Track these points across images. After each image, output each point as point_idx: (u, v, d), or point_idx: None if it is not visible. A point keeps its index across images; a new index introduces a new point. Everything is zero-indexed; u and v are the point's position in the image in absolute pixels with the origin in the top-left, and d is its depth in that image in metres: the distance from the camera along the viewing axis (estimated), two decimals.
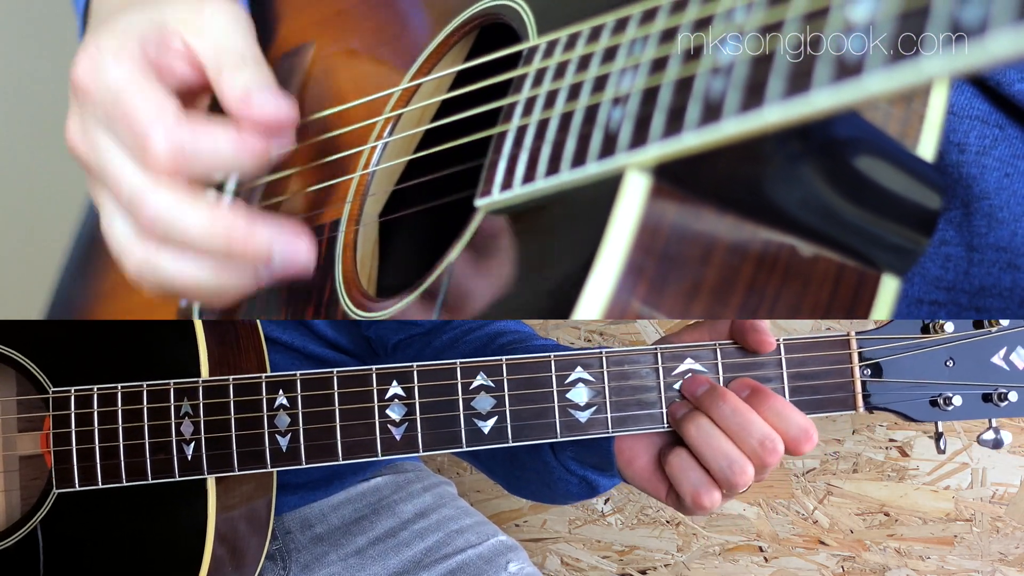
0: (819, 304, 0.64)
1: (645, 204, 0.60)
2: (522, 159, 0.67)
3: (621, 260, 0.60)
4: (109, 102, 0.75)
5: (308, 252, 0.74)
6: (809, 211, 0.63)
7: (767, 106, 0.52)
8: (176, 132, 0.73)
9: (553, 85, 0.66)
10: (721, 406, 0.74)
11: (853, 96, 0.49)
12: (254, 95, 0.74)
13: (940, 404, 0.76)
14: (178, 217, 0.73)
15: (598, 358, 0.77)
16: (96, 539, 0.81)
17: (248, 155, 0.74)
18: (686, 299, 0.61)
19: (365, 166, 0.83)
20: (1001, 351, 0.75)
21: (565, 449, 0.84)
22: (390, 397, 0.78)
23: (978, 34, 0.44)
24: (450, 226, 0.76)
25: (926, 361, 0.75)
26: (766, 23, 0.54)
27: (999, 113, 0.77)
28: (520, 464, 0.90)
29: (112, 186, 0.76)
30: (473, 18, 0.81)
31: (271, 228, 0.74)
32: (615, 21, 0.64)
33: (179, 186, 0.74)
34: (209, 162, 0.74)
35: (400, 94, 0.83)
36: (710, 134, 0.55)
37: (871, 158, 0.63)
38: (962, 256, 0.78)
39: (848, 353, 0.76)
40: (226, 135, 0.74)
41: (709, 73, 0.56)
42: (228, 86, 0.75)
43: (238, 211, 0.74)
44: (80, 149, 0.78)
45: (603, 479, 0.86)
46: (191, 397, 0.79)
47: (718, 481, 0.74)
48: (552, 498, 0.92)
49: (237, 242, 0.73)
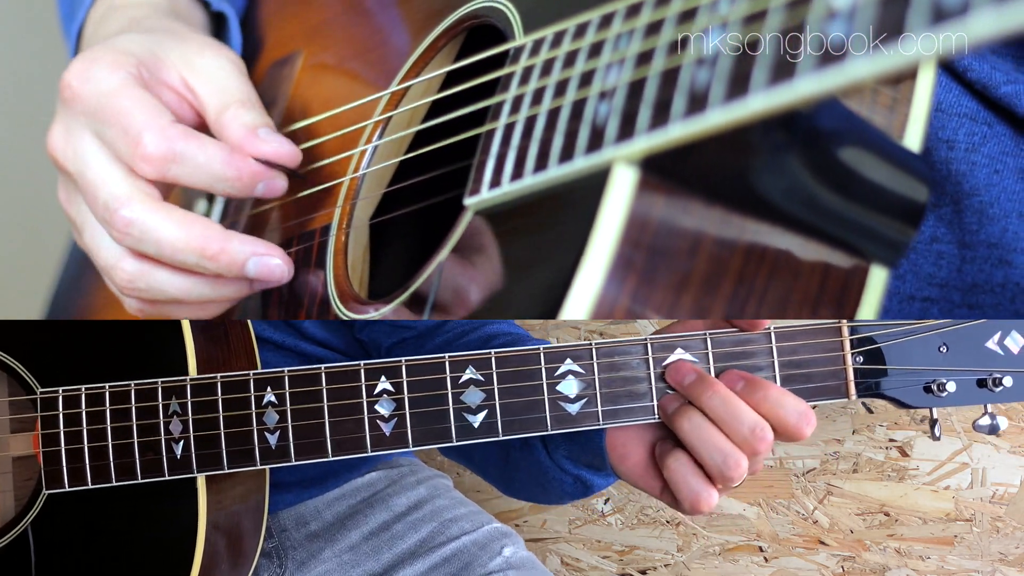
0: (808, 295, 0.64)
1: (633, 197, 0.60)
2: (510, 157, 0.67)
3: (610, 253, 0.60)
4: (102, 105, 0.75)
5: (282, 265, 0.77)
6: (797, 202, 0.62)
7: (752, 95, 0.52)
8: (170, 133, 0.74)
9: (540, 82, 0.66)
10: (711, 396, 0.73)
11: (837, 82, 0.49)
12: (260, 131, 0.76)
13: (934, 390, 0.75)
14: (153, 226, 0.74)
15: (588, 350, 0.76)
16: (87, 539, 0.81)
17: (236, 174, 0.75)
18: (675, 292, 0.61)
19: (355, 170, 0.83)
20: (995, 336, 0.75)
21: (559, 448, 0.84)
22: (379, 392, 0.77)
23: (960, 14, 0.43)
24: (440, 227, 0.76)
25: (919, 347, 0.75)
26: (750, 12, 0.54)
27: (987, 111, 0.77)
28: (514, 464, 0.89)
29: (89, 192, 0.76)
30: (460, 20, 0.81)
31: (245, 241, 0.75)
32: (600, 17, 0.64)
33: (155, 196, 0.75)
34: (197, 172, 0.75)
35: (389, 98, 0.83)
36: (696, 124, 0.55)
37: (857, 149, 0.63)
38: (954, 253, 0.78)
39: (840, 340, 0.76)
40: (217, 148, 0.75)
41: (694, 64, 0.56)
42: (233, 122, 0.76)
43: (212, 224, 0.75)
44: (60, 155, 0.78)
45: (597, 478, 0.85)
46: (179, 396, 0.79)
47: (712, 476, 0.74)
48: (547, 498, 0.92)
49: (211, 253, 0.74)
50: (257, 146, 0.76)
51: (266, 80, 0.94)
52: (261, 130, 0.76)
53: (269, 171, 0.77)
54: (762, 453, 0.74)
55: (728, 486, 0.75)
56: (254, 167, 0.76)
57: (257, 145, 0.76)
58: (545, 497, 0.92)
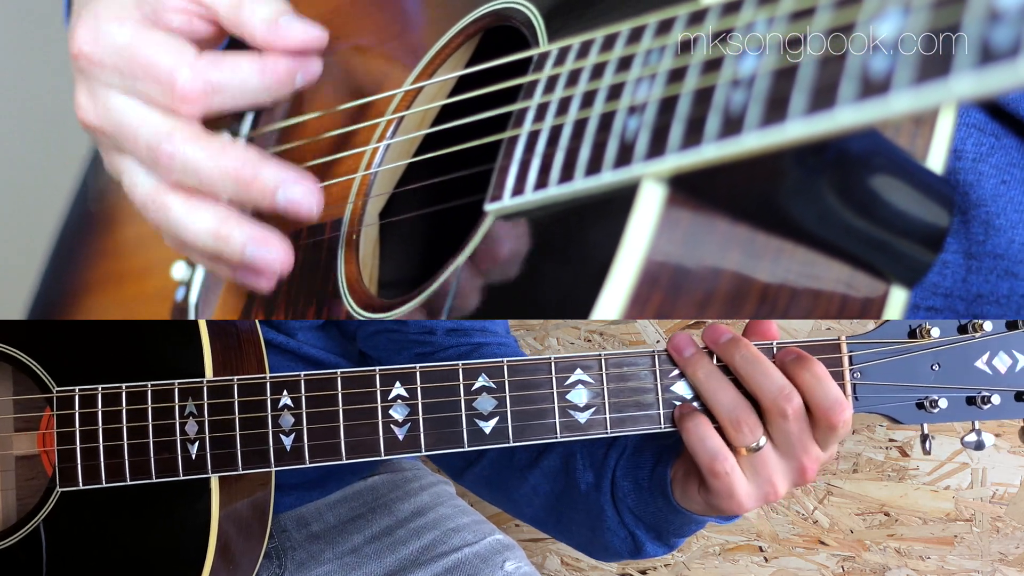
0: (829, 314, 0.65)
1: (661, 213, 0.60)
2: (534, 165, 0.66)
3: (637, 269, 0.60)
4: (123, 59, 0.75)
5: (312, 195, 0.75)
6: (823, 224, 0.62)
7: (790, 121, 0.52)
8: (201, 67, 0.74)
9: (566, 92, 0.66)
10: (744, 355, 0.74)
11: (878, 114, 0.48)
12: (281, 21, 0.75)
13: (926, 407, 0.77)
14: (193, 156, 0.74)
15: (597, 360, 0.77)
16: (99, 538, 0.81)
17: (274, 80, 0.75)
18: (699, 309, 0.61)
19: (368, 166, 0.82)
20: (984, 356, 0.76)
21: (626, 499, 0.85)
22: (393, 398, 0.78)
23: (1009, 56, 0.43)
24: (453, 229, 0.76)
25: (913, 365, 0.77)
26: (788, 37, 0.53)
27: (995, 122, 0.78)
28: (570, 502, 0.89)
29: (131, 142, 0.76)
30: (480, 20, 0.80)
31: (278, 169, 0.75)
32: (630, 30, 0.63)
33: (195, 127, 0.75)
34: (237, 92, 0.75)
35: (403, 95, 0.82)
36: (730, 147, 0.55)
37: (886, 171, 0.63)
38: (960, 263, 0.78)
39: (839, 357, 0.77)
40: (250, 63, 0.75)
41: (729, 85, 0.55)
42: (250, 19, 0.75)
43: (250, 151, 0.75)
44: (93, 120, 0.78)
45: (650, 544, 0.86)
46: (195, 397, 0.79)
47: (727, 433, 0.74)
48: (591, 548, 0.92)
49: (245, 177, 0.74)
50: (284, 38, 0.75)
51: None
52: (282, 19, 0.75)
53: (302, 61, 0.76)
54: (790, 417, 0.73)
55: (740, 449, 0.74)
56: (288, 64, 0.76)
57: (284, 37, 0.75)
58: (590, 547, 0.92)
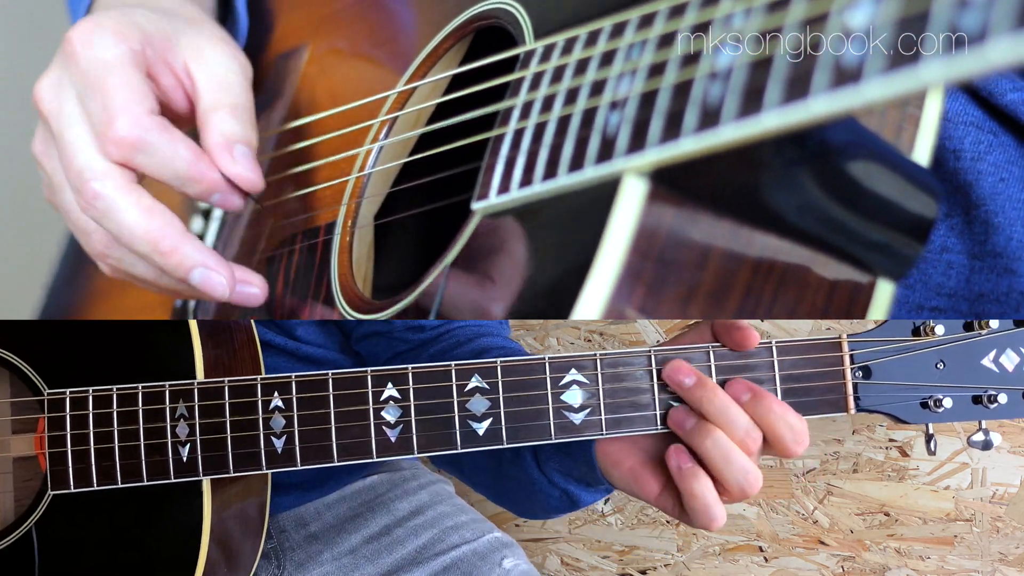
0: (815, 308, 0.64)
1: (642, 208, 0.60)
2: (519, 163, 0.67)
3: (618, 264, 0.60)
4: (94, 73, 0.74)
5: (225, 287, 0.75)
6: (806, 216, 0.62)
7: (765, 112, 0.52)
8: (145, 123, 0.73)
9: (550, 89, 0.66)
10: (710, 400, 0.74)
11: (852, 102, 0.48)
12: (237, 147, 0.75)
13: (931, 406, 0.76)
14: (118, 206, 0.73)
15: (592, 360, 0.77)
16: (91, 541, 0.81)
17: (196, 179, 0.74)
18: (683, 304, 0.61)
19: (361, 168, 0.83)
20: (991, 353, 0.75)
21: (549, 460, 0.84)
22: (385, 399, 0.77)
23: (978, 41, 0.43)
24: (444, 229, 0.76)
25: (917, 363, 0.76)
26: (764, 28, 0.53)
27: (992, 120, 0.77)
28: (504, 475, 0.89)
29: (66, 154, 0.75)
30: (470, 21, 0.80)
31: (201, 249, 0.74)
32: (612, 26, 0.63)
33: (130, 177, 0.74)
34: (160, 164, 0.73)
35: (396, 97, 0.83)
36: (708, 139, 0.55)
37: (868, 163, 0.63)
38: (964, 263, 0.78)
39: (840, 356, 0.76)
40: (187, 150, 0.74)
41: (707, 78, 0.56)
42: (216, 127, 0.75)
43: (175, 221, 0.74)
44: (46, 106, 0.77)
45: (585, 493, 0.85)
46: (186, 399, 0.79)
47: (732, 494, 0.74)
48: (533, 511, 0.92)
49: (164, 249, 0.73)
50: (226, 162, 0.74)
51: (273, 71, 0.93)
52: (238, 147, 0.75)
53: (229, 187, 0.76)
54: (755, 455, 0.74)
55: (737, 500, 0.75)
56: (215, 177, 0.75)
57: (226, 161, 0.74)
58: (531, 510, 0.92)
